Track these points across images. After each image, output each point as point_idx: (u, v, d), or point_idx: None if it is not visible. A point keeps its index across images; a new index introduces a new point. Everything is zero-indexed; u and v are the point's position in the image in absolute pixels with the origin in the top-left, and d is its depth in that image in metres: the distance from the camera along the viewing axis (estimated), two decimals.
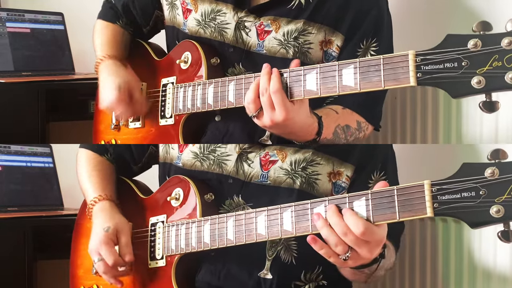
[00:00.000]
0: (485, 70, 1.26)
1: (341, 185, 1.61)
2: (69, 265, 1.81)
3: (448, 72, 1.27)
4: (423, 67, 1.29)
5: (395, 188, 1.31)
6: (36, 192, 2.50)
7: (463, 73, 1.27)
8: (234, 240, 1.49)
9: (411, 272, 1.96)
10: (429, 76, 1.29)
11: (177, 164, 1.69)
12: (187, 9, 1.71)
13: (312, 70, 1.43)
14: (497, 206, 1.23)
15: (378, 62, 1.34)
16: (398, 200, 1.30)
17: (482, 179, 1.24)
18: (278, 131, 1.49)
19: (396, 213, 1.30)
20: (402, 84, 1.32)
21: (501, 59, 1.24)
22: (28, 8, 2.56)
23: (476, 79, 1.26)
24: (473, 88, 1.26)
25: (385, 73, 1.33)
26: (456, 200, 1.25)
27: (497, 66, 1.25)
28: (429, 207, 1.27)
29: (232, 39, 1.66)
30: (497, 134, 1.78)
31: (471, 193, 1.25)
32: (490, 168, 1.24)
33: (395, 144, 1.77)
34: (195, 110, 1.62)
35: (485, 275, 1.78)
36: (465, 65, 1.27)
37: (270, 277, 1.59)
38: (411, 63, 1.30)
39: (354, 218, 1.32)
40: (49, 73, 2.49)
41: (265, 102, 1.44)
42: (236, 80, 1.54)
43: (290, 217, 1.41)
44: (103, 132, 1.83)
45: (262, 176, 1.61)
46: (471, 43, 1.26)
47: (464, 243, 1.82)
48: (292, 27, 1.62)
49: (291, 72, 1.44)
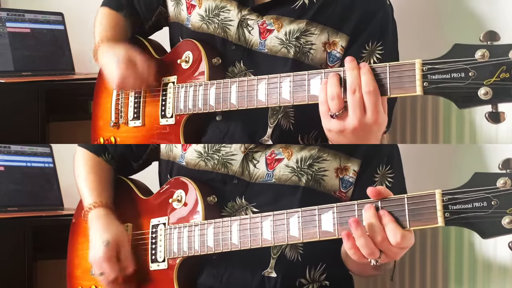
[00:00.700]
0: (492, 82, 1.25)
1: (349, 180, 1.60)
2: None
3: (455, 82, 1.27)
4: (430, 77, 1.28)
5: (405, 197, 1.29)
6: (36, 192, 2.50)
7: (470, 83, 1.26)
8: (239, 245, 1.48)
9: (411, 272, 1.96)
10: (436, 85, 1.28)
11: (180, 162, 1.68)
12: (191, 5, 1.71)
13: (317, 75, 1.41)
14: (509, 217, 1.23)
15: (384, 70, 1.33)
16: (408, 209, 1.29)
17: (494, 189, 1.24)
18: (354, 138, 1.38)
19: (407, 221, 1.29)
20: (408, 93, 1.31)
21: (509, 70, 1.24)
22: (28, 8, 2.56)
23: (483, 90, 1.25)
24: (480, 99, 1.26)
25: (391, 81, 1.32)
26: (468, 210, 1.25)
27: (504, 78, 1.24)
28: (440, 217, 1.26)
29: (235, 36, 1.65)
30: (497, 134, 1.78)
31: (483, 203, 1.24)
32: (503, 178, 1.23)
33: None
34: (197, 111, 1.62)
35: (485, 274, 1.78)
36: (472, 75, 1.26)
37: (274, 275, 1.58)
38: (418, 72, 1.29)
39: (393, 226, 1.29)
40: (49, 73, 2.49)
41: (356, 102, 1.33)
42: (238, 82, 1.54)
43: (297, 222, 1.40)
44: (102, 128, 1.82)
45: (267, 175, 1.60)
46: (479, 54, 1.25)
47: (464, 242, 1.82)
48: (294, 27, 1.62)
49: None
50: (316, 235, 1.38)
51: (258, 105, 1.51)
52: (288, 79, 1.45)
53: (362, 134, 1.36)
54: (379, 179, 1.60)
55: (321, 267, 1.61)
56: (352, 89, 1.33)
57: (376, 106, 1.33)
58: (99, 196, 1.72)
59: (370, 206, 1.31)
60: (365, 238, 1.30)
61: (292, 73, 1.44)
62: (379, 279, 2.06)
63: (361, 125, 1.33)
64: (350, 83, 1.34)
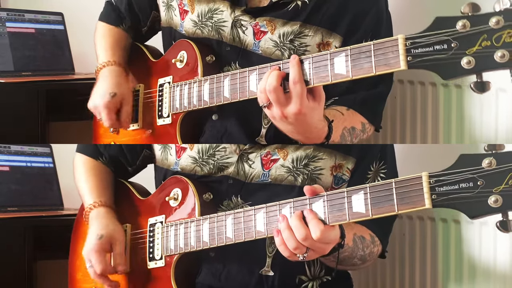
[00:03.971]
0: (475, 50, 1.25)
1: (342, 178, 1.61)
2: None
3: (438, 54, 1.28)
4: (413, 51, 1.29)
5: (393, 181, 1.31)
6: (36, 192, 2.50)
7: (453, 54, 1.27)
8: (233, 238, 1.49)
9: (411, 272, 1.96)
10: (420, 59, 1.29)
11: (174, 169, 1.69)
12: (184, 10, 1.71)
13: (305, 60, 1.42)
14: (495, 196, 1.23)
15: (369, 49, 1.34)
16: (396, 193, 1.30)
17: (479, 170, 1.24)
18: (285, 127, 1.45)
19: (395, 205, 1.30)
20: (393, 68, 1.32)
21: (490, 38, 1.24)
22: (28, 8, 2.56)
23: (465, 59, 1.26)
24: (464, 69, 1.26)
25: (376, 59, 1.34)
26: (454, 191, 1.26)
27: (486, 46, 1.25)
28: (428, 199, 1.27)
29: (229, 37, 1.65)
30: (497, 134, 1.78)
31: (469, 184, 1.25)
32: (488, 158, 1.24)
33: (395, 144, 1.77)
34: (192, 108, 1.62)
35: (485, 274, 1.78)
36: (454, 46, 1.26)
37: (271, 274, 1.58)
38: (401, 47, 1.30)
39: (314, 223, 1.35)
40: (49, 73, 2.49)
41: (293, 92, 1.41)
42: (230, 76, 1.54)
43: (289, 213, 1.41)
44: (102, 135, 1.83)
45: (263, 176, 1.61)
46: (460, 24, 1.26)
47: (464, 243, 1.82)
48: (288, 29, 1.62)
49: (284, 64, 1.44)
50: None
51: (250, 95, 1.51)
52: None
53: (292, 125, 1.43)
54: (372, 175, 1.61)
55: (320, 263, 1.61)
56: (293, 81, 1.40)
57: (302, 96, 1.39)
58: (99, 196, 1.72)
59: (297, 211, 1.38)
60: (289, 231, 1.37)
61: (282, 60, 1.45)
62: (379, 279, 2.06)
63: (283, 114, 1.40)
64: (293, 76, 1.41)
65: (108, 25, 1.83)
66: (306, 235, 1.35)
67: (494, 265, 1.76)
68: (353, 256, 1.54)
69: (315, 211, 1.37)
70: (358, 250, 1.55)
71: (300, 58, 1.42)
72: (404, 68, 1.30)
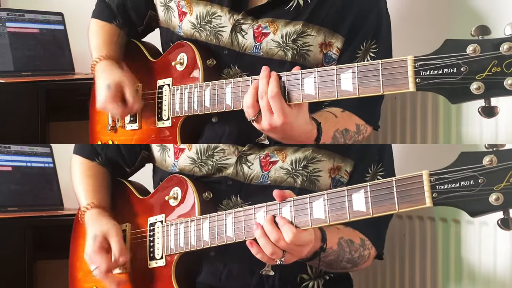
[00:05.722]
0: (484, 76, 1.25)
1: (340, 180, 1.62)
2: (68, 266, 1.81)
3: (447, 77, 1.27)
4: (422, 73, 1.29)
5: (393, 179, 1.31)
6: (36, 192, 2.50)
7: (462, 78, 1.26)
8: (234, 237, 1.48)
9: (411, 272, 1.96)
10: (428, 81, 1.29)
11: (172, 170, 1.69)
12: (183, 12, 1.71)
13: (310, 74, 1.42)
14: (496, 194, 1.23)
15: (376, 67, 1.34)
16: (397, 191, 1.30)
17: (480, 168, 1.24)
18: (276, 136, 1.48)
19: (396, 204, 1.30)
20: (401, 89, 1.31)
21: (500, 64, 1.24)
22: (28, 8, 2.56)
23: (475, 85, 1.26)
24: (472, 94, 1.26)
25: (383, 78, 1.33)
26: (455, 189, 1.25)
27: (496, 72, 1.25)
28: (428, 197, 1.27)
29: (227, 41, 1.65)
30: (497, 134, 1.78)
31: (469, 181, 1.25)
32: (488, 156, 1.24)
33: (395, 144, 1.78)
34: (192, 113, 1.62)
35: (485, 274, 1.78)
36: (464, 70, 1.26)
37: (272, 273, 1.58)
38: (410, 69, 1.30)
39: (286, 227, 1.38)
40: (49, 73, 2.49)
41: (264, 106, 1.44)
42: (233, 83, 1.54)
43: (289, 212, 1.41)
44: (99, 132, 1.83)
45: (262, 177, 1.61)
46: (470, 48, 1.26)
47: (463, 243, 1.83)
48: (291, 29, 1.62)
49: (289, 76, 1.44)
50: (308, 223, 1.39)
51: None
52: (282, 78, 1.45)
53: (281, 133, 1.46)
54: (370, 178, 1.61)
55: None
56: (260, 95, 1.45)
57: (282, 108, 1.42)
58: (93, 197, 1.73)
59: (268, 216, 1.41)
60: (265, 238, 1.40)
61: (286, 72, 1.45)
62: (379, 279, 2.06)
63: (271, 126, 1.44)
64: (259, 90, 1.45)
65: (100, 22, 1.83)
66: (279, 237, 1.38)
67: (494, 265, 1.76)
68: (340, 259, 1.54)
69: (285, 217, 1.39)
70: (345, 253, 1.55)
71: (278, 74, 1.44)
72: (413, 90, 1.30)
